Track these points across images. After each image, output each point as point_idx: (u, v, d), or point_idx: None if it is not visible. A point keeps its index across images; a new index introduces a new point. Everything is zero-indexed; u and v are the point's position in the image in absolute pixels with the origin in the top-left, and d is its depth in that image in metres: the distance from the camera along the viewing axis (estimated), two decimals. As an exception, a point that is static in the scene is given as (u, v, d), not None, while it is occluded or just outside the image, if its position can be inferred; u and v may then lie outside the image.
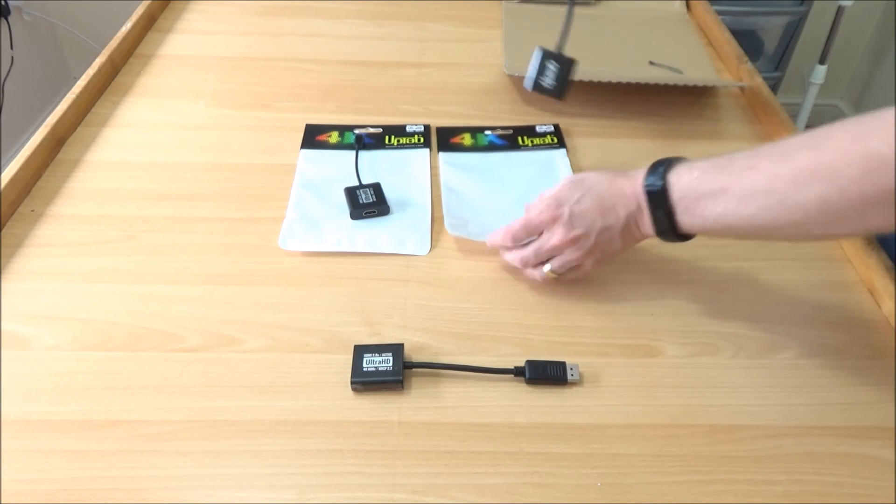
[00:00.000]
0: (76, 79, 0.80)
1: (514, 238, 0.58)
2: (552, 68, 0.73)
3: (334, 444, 0.47)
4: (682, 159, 0.52)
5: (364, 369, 0.51)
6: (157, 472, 0.46)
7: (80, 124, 0.77)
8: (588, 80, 0.79)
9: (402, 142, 0.76)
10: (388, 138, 0.77)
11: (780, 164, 0.46)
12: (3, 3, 1.73)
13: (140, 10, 0.95)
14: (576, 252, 0.56)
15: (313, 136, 0.77)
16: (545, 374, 0.51)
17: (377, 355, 0.51)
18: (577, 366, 0.52)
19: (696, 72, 0.88)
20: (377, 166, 0.73)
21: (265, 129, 0.78)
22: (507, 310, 0.58)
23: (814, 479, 0.46)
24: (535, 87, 0.75)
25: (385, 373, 0.51)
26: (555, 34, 0.72)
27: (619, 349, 0.55)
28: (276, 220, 0.65)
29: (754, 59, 1.87)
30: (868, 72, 2.05)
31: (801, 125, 1.95)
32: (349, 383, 0.50)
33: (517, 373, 0.52)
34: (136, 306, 0.56)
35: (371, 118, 0.80)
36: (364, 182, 0.69)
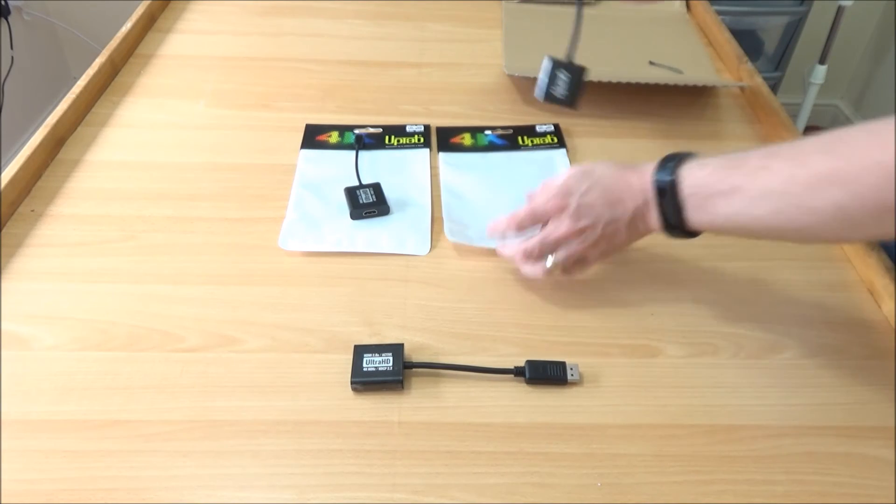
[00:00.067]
0: (76, 79, 0.80)
1: (519, 225, 0.58)
2: (563, 77, 0.72)
3: (334, 444, 0.47)
4: (693, 155, 0.52)
5: (364, 369, 0.51)
6: (157, 472, 0.46)
7: (80, 124, 0.77)
8: (588, 80, 0.79)
9: (402, 142, 0.76)
10: (388, 138, 0.77)
11: (795, 167, 0.45)
12: (3, 3, 1.73)
13: (140, 10, 0.95)
14: (581, 244, 0.55)
15: (313, 136, 0.77)
16: (545, 374, 0.51)
17: (377, 355, 0.51)
18: (577, 366, 0.52)
19: (696, 72, 0.88)
20: (377, 166, 0.73)
21: (265, 129, 0.78)
22: (507, 310, 0.58)
23: (814, 479, 0.46)
24: (547, 97, 0.73)
25: (385, 373, 0.51)
26: (555, 34, 0.72)
27: (619, 349, 0.55)
28: (276, 220, 0.65)
29: (754, 59, 1.87)
30: (868, 72, 2.05)
31: (801, 125, 1.95)
32: (349, 383, 0.50)
33: (517, 373, 0.52)
34: (136, 306, 0.56)
35: (371, 118, 0.80)
36: (364, 182, 0.69)
